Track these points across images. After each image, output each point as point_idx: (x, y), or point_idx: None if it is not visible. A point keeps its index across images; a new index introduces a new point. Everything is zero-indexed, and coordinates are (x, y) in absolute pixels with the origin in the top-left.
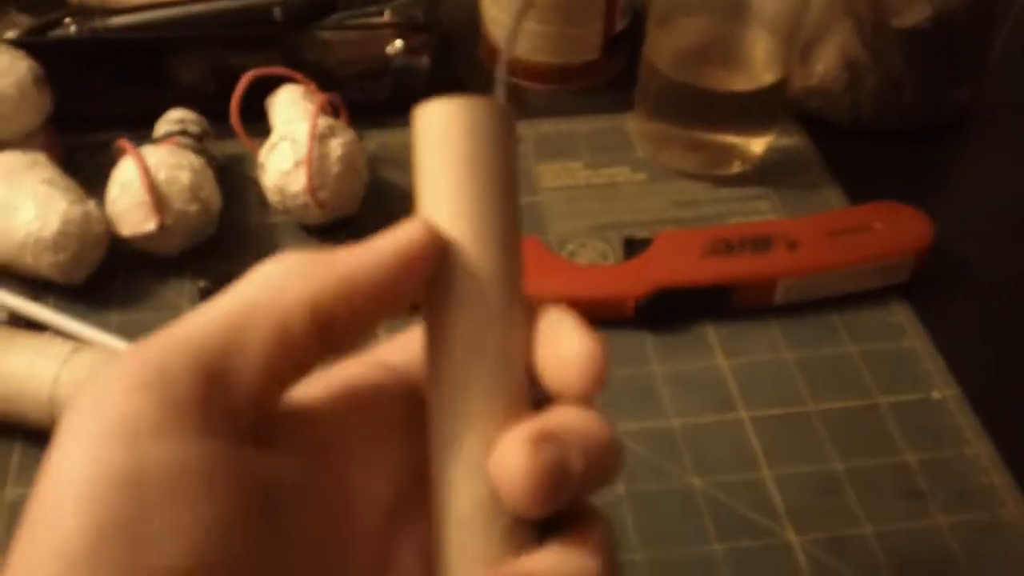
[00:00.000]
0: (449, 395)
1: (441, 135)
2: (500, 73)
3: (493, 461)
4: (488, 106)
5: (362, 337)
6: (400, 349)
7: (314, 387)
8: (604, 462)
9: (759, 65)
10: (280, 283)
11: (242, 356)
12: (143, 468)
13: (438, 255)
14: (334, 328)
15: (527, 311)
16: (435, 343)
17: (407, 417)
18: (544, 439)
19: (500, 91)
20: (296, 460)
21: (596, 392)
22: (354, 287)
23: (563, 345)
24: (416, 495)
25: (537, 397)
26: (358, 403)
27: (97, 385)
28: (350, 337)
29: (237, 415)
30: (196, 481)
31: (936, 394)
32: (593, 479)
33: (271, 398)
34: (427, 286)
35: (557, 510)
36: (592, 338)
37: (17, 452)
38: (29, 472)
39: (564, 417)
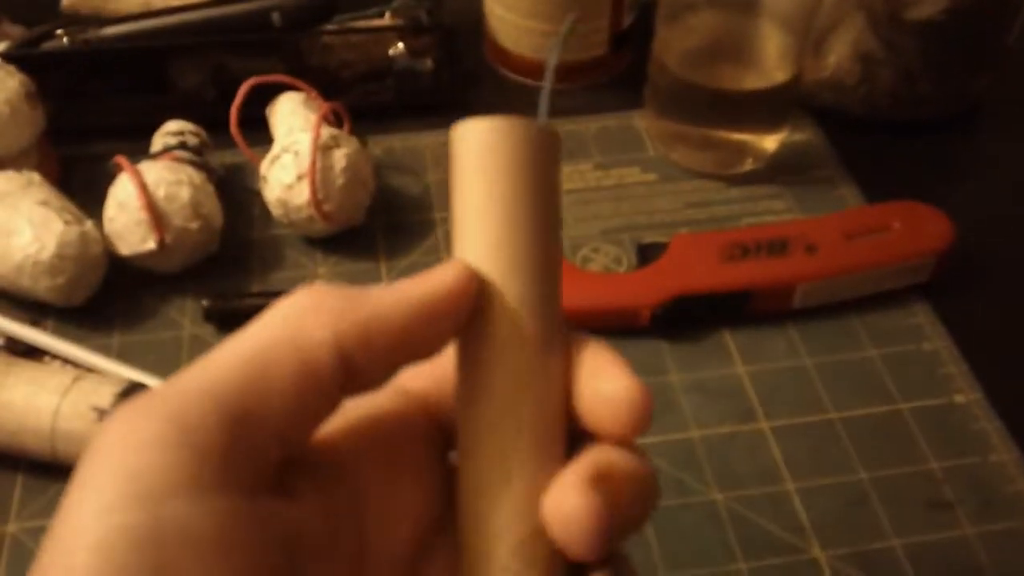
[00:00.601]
0: (486, 434)
1: (480, 160)
2: (545, 91)
3: (549, 503)
4: (531, 129)
5: (388, 378)
6: (419, 375)
7: (331, 420)
8: (647, 503)
9: (771, 62)
10: (304, 321)
11: (265, 400)
12: (161, 528)
13: (473, 301)
14: (359, 369)
15: (564, 344)
16: (470, 380)
17: (428, 448)
18: (601, 480)
19: (544, 110)
20: (316, 505)
21: (638, 435)
22: (382, 330)
23: (606, 384)
24: (437, 532)
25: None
26: (377, 435)
27: (113, 434)
28: (376, 378)
29: (259, 462)
30: (216, 541)
31: (959, 398)
32: (637, 521)
33: (294, 442)
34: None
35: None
36: (635, 378)
37: (19, 486)
38: (31, 506)
39: (613, 457)
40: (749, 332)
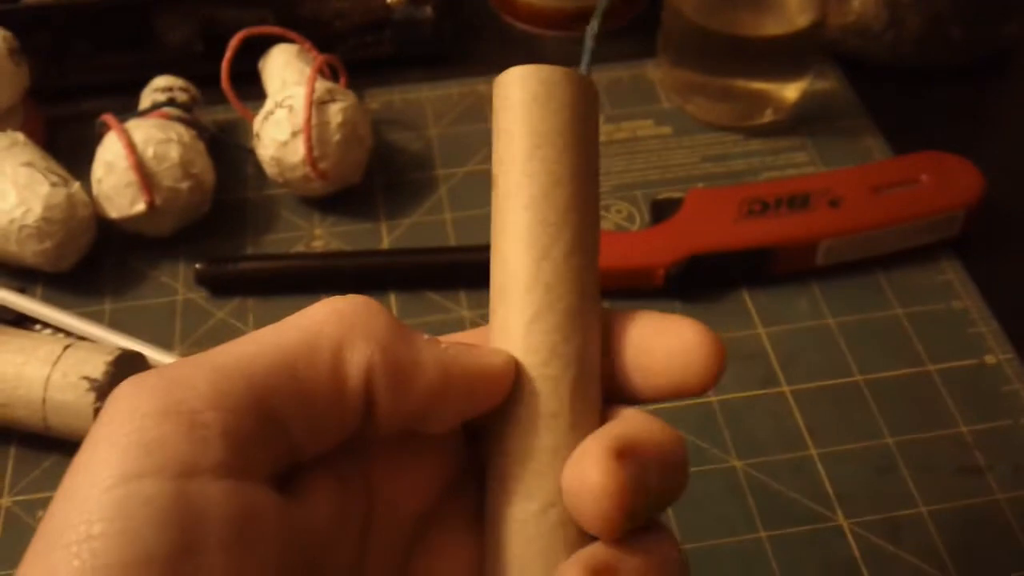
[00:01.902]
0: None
1: (526, 110)
2: (588, 38)
3: (568, 474)
4: (580, 78)
5: (390, 432)
6: None
7: None
8: (678, 479)
9: (792, 6)
10: (340, 334)
11: (293, 401)
12: (188, 504)
13: (508, 394)
14: (379, 408)
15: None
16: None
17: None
18: (625, 453)
19: (587, 60)
20: (326, 505)
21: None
22: (414, 379)
23: (673, 339)
24: (449, 498)
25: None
26: None
27: (142, 398)
28: (382, 429)
29: (279, 459)
30: (241, 530)
31: (990, 359)
32: (665, 499)
33: (306, 451)
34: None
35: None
36: (699, 325)
37: (12, 458)
38: (25, 479)
39: (640, 427)
40: (769, 292)
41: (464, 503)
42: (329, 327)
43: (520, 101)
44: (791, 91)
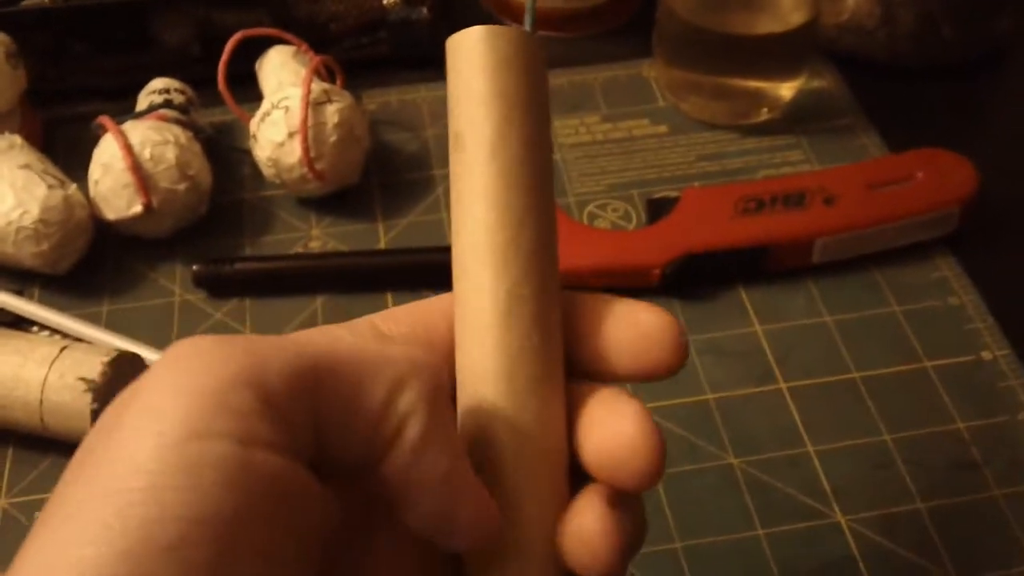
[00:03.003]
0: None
1: (496, 73)
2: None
3: (567, 525)
4: (535, 40)
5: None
6: (397, 320)
7: None
8: (644, 523)
9: (787, 4)
10: (402, 375)
11: (342, 411)
12: (254, 470)
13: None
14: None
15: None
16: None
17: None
18: (621, 500)
19: (531, 17)
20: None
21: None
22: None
23: (639, 324)
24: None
25: None
26: None
27: (208, 359)
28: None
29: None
30: (295, 507)
31: (986, 355)
32: (640, 542)
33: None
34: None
35: None
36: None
37: (9, 460)
38: (22, 480)
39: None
40: (766, 289)
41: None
42: (396, 364)
43: (491, 62)
44: (786, 89)
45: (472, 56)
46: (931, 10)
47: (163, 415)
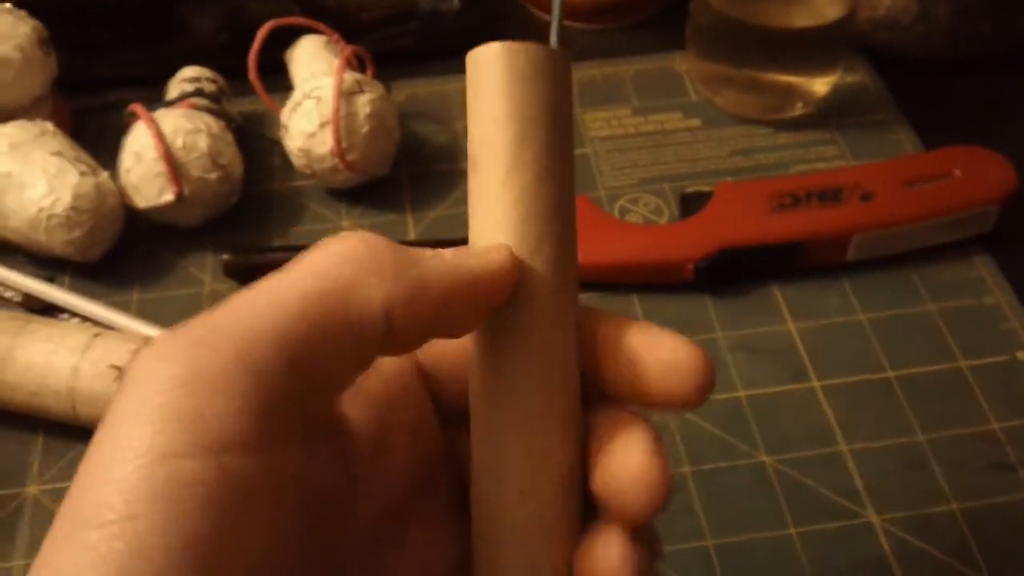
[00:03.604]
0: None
1: (515, 91)
2: (556, 6)
3: (581, 562)
4: (561, 56)
5: (414, 348)
6: None
7: None
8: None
9: None
10: (353, 276)
11: (320, 350)
12: (228, 483)
13: (513, 287)
14: (395, 334)
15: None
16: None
17: (420, 402)
18: (638, 535)
19: (556, 32)
20: (333, 461)
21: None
22: (427, 299)
23: (665, 352)
24: (424, 490)
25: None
26: (371, 387)
27: (172, 367)
28: (405, 347)
29: (306, 414)
30: (272, 498)
31: (1021, 355)
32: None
33: (330, 398)
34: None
35: None
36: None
37: (40, 447)
38: (53, 467)
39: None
40: (799, 286)
41: (440, 493)
42: (341, 270)
43: (508, 81)
44: (821, 84)
45: (488, 74)
46: (967, 5)
47: (126, 443)
